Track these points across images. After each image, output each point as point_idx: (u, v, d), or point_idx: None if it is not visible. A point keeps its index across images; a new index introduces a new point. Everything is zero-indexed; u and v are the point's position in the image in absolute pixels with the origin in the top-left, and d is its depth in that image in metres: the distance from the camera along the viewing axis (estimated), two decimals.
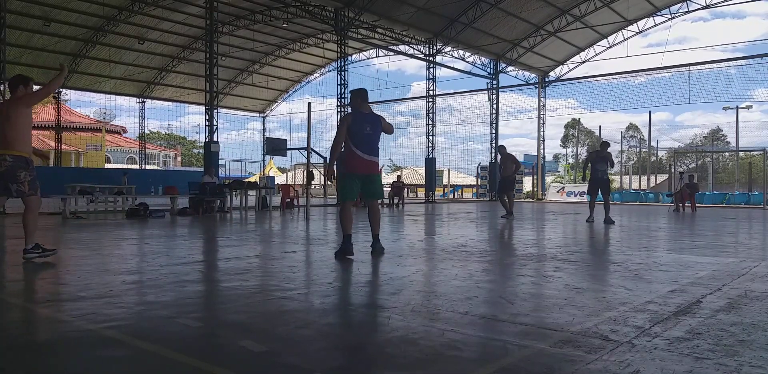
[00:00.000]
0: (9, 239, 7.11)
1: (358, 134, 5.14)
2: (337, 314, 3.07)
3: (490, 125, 27.30)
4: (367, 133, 5.17)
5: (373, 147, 5.27)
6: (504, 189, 12.18)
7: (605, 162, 10.45)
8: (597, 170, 10.37)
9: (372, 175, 5.31)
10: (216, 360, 2.18)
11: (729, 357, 2.21)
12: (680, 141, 42.99)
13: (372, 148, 5.25)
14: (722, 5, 22.18)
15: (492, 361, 2.21)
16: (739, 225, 10.80)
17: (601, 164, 10.38)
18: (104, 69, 26.98)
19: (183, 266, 4.62)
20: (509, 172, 12.01)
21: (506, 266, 4.80)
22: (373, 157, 5.27)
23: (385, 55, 27.64)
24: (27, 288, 3.64)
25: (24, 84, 4.85)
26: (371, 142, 5.23)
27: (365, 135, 5.16)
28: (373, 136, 5.23)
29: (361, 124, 5.18)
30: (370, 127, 5.20)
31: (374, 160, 5.30)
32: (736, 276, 4.13)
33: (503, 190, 12.17)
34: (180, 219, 10.96)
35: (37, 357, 2.25)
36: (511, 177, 12.18)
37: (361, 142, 5.15)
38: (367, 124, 5.20)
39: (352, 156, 5.19)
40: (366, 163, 5.22)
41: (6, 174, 4.68)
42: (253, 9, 23.52)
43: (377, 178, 5.39)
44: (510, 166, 12.04)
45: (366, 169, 5.24)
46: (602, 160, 10.42)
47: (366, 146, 5.19)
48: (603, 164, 10.39)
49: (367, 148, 5.20)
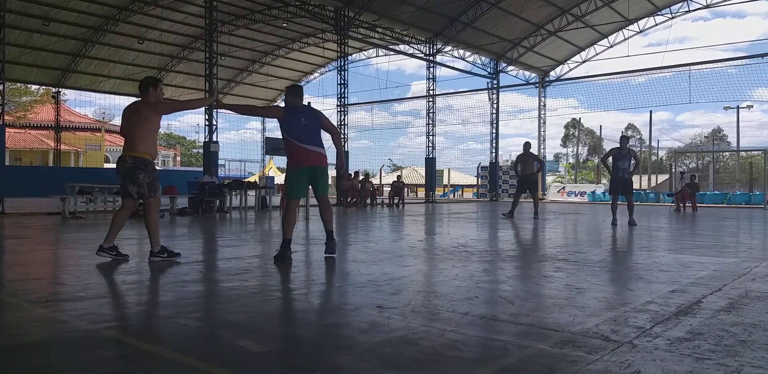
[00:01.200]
0: (9, 239, 7.10)
1: (293, 125, 4.91)
2: (337, 314, 3.06)
3: (491, 125, 27.28)
4: (303, 123, 4.92)
5: (314, 137, 4.97)
6: (522, 188, 12.03)
7: (628, 160, 9.57)
8: (619, 168, 9.56)
9: (319, 167, 4.99)
10: (216, 360, 2.18)
11: (730, 357, 2.21)
12: (681, 141, 43.05)
13: (312, 138, 4.95)
14: (723, 5, 22.17)
15: (492, 361, 2.20)
16: (740, 225, 10.80)
17: (623, 162, 9.55)
18: (104, 68, 26.96)
19: (183, 266, 4.61)
20: (530, 170, 11.79)
21: (506, 266, 4.79)
22: (317, 148, 4.95)
23: (385, 54, 27.63)
24: (26, 288, 3.63)
25: (153, 86, 4.84)
26: (310, 131, 4.95)
27: (301, 125, 4.91)
28: (310, 126, 4.95)
29: (295, 115, 4.95)
30: (305, 117, 4.96)
31: (319, 150, 4.97)
32: (737, 277, 4.12)
33: (521, 189, 12.05)
34: (179, 219, 10.95)
35: (37, 357, 2.24)
36: (534, 176, 11.96)
37: (298, 133, 4.90)
38: (301, 114, 4.97)
39: (294, 149, 4.91)
40: (310, 153, 4.91)
41: (126, 175, 4.71)
42: (253, 8, 23.51)
43: (325, 171, 5.09)
44: (532, 164, 11.82)
45: (313, 160, 4.93)
46: (624, 158, 9.56)
47: (305, 135, 4.91)
48: (625, 162, 9.55)
49: (307, 138, 4.91)
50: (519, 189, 12.16)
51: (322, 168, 5.02)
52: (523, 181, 11.98)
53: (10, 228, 8.42)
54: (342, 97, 20.72)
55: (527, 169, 11.77)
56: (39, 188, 16.23)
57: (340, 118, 20.91)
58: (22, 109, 32.69)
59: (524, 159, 11.87)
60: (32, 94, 32.78)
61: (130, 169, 4.68)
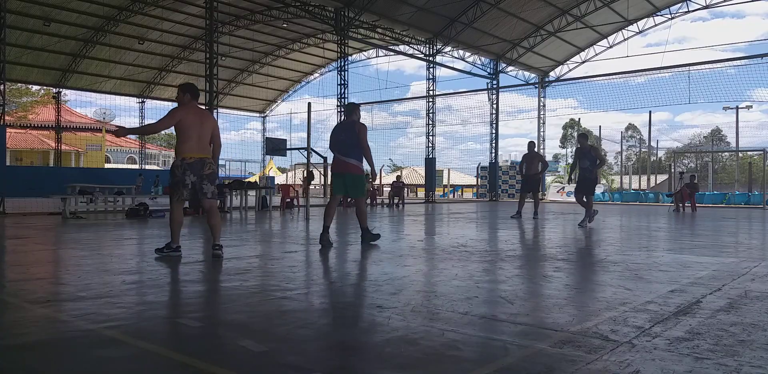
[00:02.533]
0: (10, 239, 7.11)
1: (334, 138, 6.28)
2: (337, 314, 3.07)
3: (490, 125, 27.29)
4: (341, 138, 6.21)
5: (347, 149, 6.16)
6: (526, 188, 12.00)
7: (588, 158, 9.43)
8: (580, 168, 9.54)
9: (348, 174, 6.16)
10: (216, 360, 2.18)
11: (729, 357, 2.21)
12: (680, 141, 43.03)
13: (344, 150, 6.16)
14: (722, 5, 22.20)
15: (492, 361, 2.21)
16: (739, 225, 10.80)
17: (583, 161, 9.46)
18: (104, 69, 26.99)
19: (183, 266, 4.62)
20: (534, 170, 11.73)
21: (506, 266, 4.80)
22: (347, 158, 6.14)
23: (385, 55, 27.65)
24: (27, 288, 3.63)
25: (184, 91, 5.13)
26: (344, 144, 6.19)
27: (340, 140, 6.22)
28: (347, 141, 6.16)
29: (336, 131, 6.34)
30: (345, 133, 6.22)
31: (349, 160, 6.14)
32: (736, 276, 4.13)
33: (525, 189, 12.03)
34: None
35: (37, 357, 2.25)
36: (537, 176, 11.88)
37: (337, 146, 6.24)
38: (342, 131, 6.27)
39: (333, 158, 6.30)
40: (340, 162, 6.18)
41: (211, 176, 5.07)
42: (253, 9, 23.54)
43: (353, 177, 6.18)
44: (537, 164, 11.77)
45: (341, 168, 6.18)
46: (585, 157, 9.46)
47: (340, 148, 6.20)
48: (585, 161, 9.45)
49: (341, 150, 6.19)
50: (524, 189, 12.14)
51: (351, 174, 6.16)
52: (527, 181, 11.95)
53: (11, 228, 8.43)
54: (342, 98, 20.74)
55: (531, 168, 11.74)
56: (39, 188, 16.26)
57: (340, 118, 20.92)
58: (23, 110, 32.73)
59: (529, 159, 11.85)
60: (33, 94, 32.81)
61: (215, 171, 5.16)
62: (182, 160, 4.92)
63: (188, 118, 4.98)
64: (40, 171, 25.60)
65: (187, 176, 4.91)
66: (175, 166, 4.96)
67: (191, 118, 5.00)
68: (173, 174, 4.97)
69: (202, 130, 5.03)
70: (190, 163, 4.92)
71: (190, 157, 4.93)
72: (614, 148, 44.40)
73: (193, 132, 4.96)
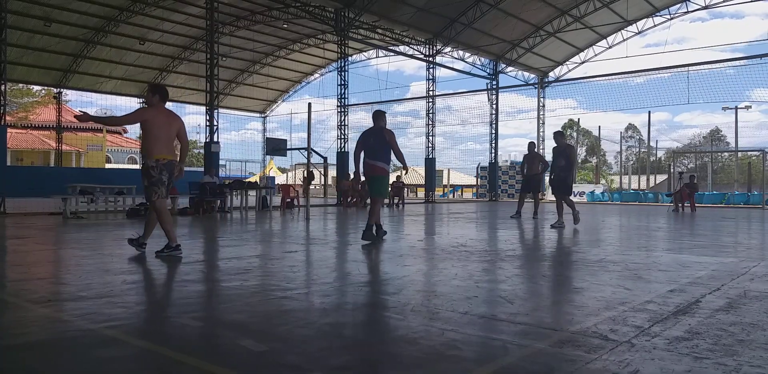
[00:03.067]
0: (10, 239, 7.11)
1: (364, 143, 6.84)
2: (337, 314, 3.08)
3: (490, 125, 27.28)
4: (370, 143, 6.78)
5: (375, 153, 6.74)
6: (526, 188, 12.02)
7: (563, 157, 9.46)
8: (558, 167, 9.57)
9: (373, 176, 6.80)
10: (216, 360, 2.19)
11: (728, 356, 2.22)
12: (679, 141, 43.02)
13: (372, 154, 6.75)
14: (721, 5, 22.17)
15: (492, 361, 2.21)
16: (738, 225, 10.81)
17: (560, 160, 9.49)
18: (105, 69, 26.98)
19: (183, 266, 4.63)
20: (534, 171, 11.76)
21: (506, 266, 4.81)
22: (374, 161, 6.74)
23: (385, 55, 27.63)
24: (28, 288, 3.64)
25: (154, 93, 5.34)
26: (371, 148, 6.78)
27: (369, 145, 6.80)
28: (374, 146, 6.74)
29: (366, 135, 6.89)
30: (374, 138, 6.79)
31: (375, 163, 6.75)
32: (736, 276, 4.13)
33: (526, 189, 12.05)
34: (180, 219, 10.96)
35: (37, 357, 2.25)
36: (538, 176, 11.92)
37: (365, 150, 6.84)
38: (371, 136, 6.83)
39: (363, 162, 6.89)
40: (367, 164, 6.79)
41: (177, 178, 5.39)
42: (254, 9, 23.53)
43: (376, 178, 6.82)
44: (537, 164, 11.78)
45: (368, 171, 6.80)
46: (560, 155, 9.49)
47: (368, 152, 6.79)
48: (561, 160, 9.49)
49: (369, 154, 6.78)
50: (524, 190, 12.17)
51: (373, 176, 6.80)
52: (528, 181, 11.97)
53: (12, 228, 8.43)
54: (342, 98, 20.74)
55: (532, 169, 11.77)
56: (40, 188, 16.27)
57: (340, 118, 20.94)
58: (24, 110, 32.72)
59: (530, 159, 11.88)
60: (34, 94, 32.80)
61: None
62: (156, 161, 5.07)
63: (158, 119, 5.13)
64: (41, 171, 25.61)
65: (163, 175, 5.11)
66: (149, 168, 5.07)
67: (161, 119, 5.15)
68: (149, 175, 5.06)
69: (170, 131, 5.20)
70: (164, 163, 5.12)
71: (163, 158, 5.11)
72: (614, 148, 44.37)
73: (162, 133, 5.11)
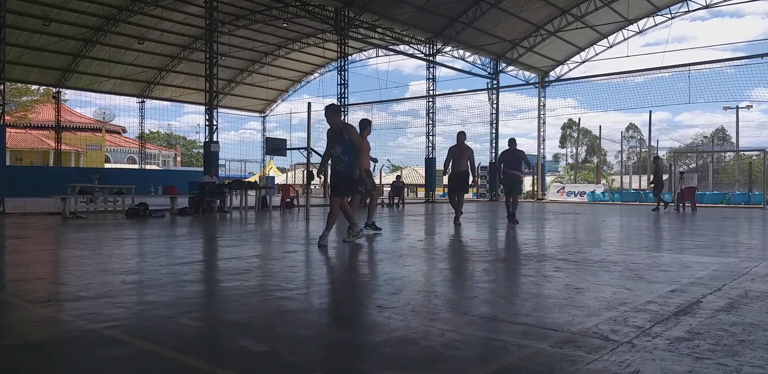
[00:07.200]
0: (10, 239, 7.11)
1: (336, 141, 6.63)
2: (337, 314, 3.07)
3: (490, 125, 27.27)
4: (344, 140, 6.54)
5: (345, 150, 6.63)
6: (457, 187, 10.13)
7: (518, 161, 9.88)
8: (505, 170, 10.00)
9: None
10: (216, 360, 2.18)
11: (729, 357, 2.21)
12: (680, 141, 42.94)
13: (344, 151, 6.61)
14: (721, 5, 22.16)
15: (492, 361, 2.21)
16: (739, 225, 10.80)
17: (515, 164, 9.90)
18: (104, 69, 26.97)
19: (183, 266, 4.62)
20: (464, 167, 9.77)
21: (506, 266, 4.80)
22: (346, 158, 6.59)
23: (384, 54, 27.63)
24: (27, 288, 3.63)
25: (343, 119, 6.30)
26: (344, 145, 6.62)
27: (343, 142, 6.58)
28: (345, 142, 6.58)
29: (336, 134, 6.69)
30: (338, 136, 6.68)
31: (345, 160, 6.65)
32: (737, 276, 4.13)
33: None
34: (180, 219, 10.95)
35: (37, 357, 2.25)
36: (464, 176, 9.81)
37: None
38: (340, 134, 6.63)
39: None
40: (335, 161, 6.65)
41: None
42: (253, 9, 23.52)
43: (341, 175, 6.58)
44: (467, 160, 9.69)
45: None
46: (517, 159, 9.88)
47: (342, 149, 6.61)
48: (515, 163, 9.90)
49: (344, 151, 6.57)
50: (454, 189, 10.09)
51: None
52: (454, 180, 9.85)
53: (11, 228, 8.43)
54: (342, 97, 20.73)
55: (461, 165, 9.59)
56: (39, 188, 16.26)
57: (341, 118, 20.90)
58: (23, 109, 32.71)
59: (457, 154, 9.66)
60: (33, 94, 32.79)
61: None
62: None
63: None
64: (40, 171, 25.61)
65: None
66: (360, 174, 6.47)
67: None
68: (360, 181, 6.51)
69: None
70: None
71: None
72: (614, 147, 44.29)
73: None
